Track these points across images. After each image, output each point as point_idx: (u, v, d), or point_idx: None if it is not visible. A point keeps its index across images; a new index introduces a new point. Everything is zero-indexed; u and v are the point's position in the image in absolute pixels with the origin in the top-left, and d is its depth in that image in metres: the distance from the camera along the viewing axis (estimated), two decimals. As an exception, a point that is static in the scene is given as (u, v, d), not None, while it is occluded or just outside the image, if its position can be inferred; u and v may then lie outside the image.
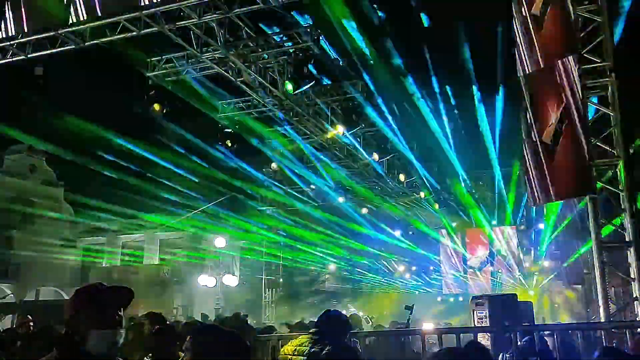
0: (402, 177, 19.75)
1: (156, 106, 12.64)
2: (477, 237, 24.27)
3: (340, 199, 22.18)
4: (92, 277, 28.11)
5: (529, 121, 7.77)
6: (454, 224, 24.55)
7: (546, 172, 7.37)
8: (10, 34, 10.64)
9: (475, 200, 22.74)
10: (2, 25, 10.65)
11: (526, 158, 7.77)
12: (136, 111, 14.03)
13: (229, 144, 15.12)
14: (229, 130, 15.12)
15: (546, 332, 7.07)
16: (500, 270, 23.55)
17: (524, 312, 10.05)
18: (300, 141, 17.40)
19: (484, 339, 8.04)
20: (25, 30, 10.41)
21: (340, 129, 14.67)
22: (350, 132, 15.42)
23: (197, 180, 23.93)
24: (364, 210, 23.71)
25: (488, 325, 9.97)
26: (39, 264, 25.39)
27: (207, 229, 27.09)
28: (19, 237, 25.72)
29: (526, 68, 7.81)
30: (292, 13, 11.04)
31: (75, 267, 30.57)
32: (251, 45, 11.89)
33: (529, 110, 7.77)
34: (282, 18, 11.13)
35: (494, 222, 23.69)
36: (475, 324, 10.12)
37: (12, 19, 10.56)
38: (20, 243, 25.58)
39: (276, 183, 22.13)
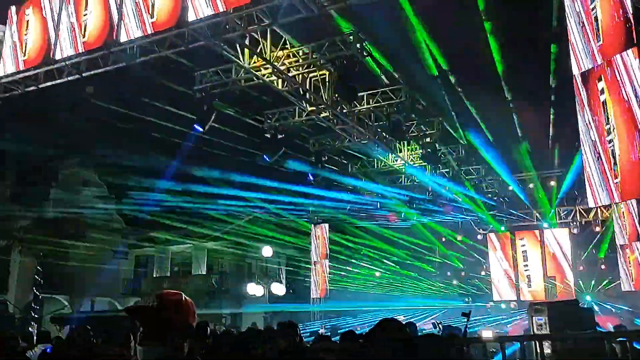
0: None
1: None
2: (528, 239, 23.52)
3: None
4: (144, 288, 28.85)
5: (586, 120, 7.50)
6: (502, 227, 23.91)
7: (608, 172, 7.07)
8: (65, 55, 11.08)
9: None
10: (58, 47, 11.11)
11: (585, 158, 7.49)
12: (184, 126, 14.37)
13: (275, 155, 15.12)
14: (275, 140, 15.17)
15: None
16: (553, 275, 22.68)
17: (585, 319, 9.70)
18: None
19: (544, 346, 7.78)
20: (80, 50, 10.82)
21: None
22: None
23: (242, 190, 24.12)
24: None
25: (547, 332, 9.66)
26: (93, 276, 26.16)
27: (254, 238, 27.32)
28: (73, 249, 26.55)
29: (582, 65, 7.55)
30: (335, 20, 11.04)
31: (128, 278, 31.45)
32: (295, 54, 11.98)
33: (587, 108, 7.50)
34: (326, 25, 11.13)
35: (545, 225, 22.92)
36: (535, 331, 9.82)
37: (66, 40, 11.01)
38: (75, 255, 26.41)
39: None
